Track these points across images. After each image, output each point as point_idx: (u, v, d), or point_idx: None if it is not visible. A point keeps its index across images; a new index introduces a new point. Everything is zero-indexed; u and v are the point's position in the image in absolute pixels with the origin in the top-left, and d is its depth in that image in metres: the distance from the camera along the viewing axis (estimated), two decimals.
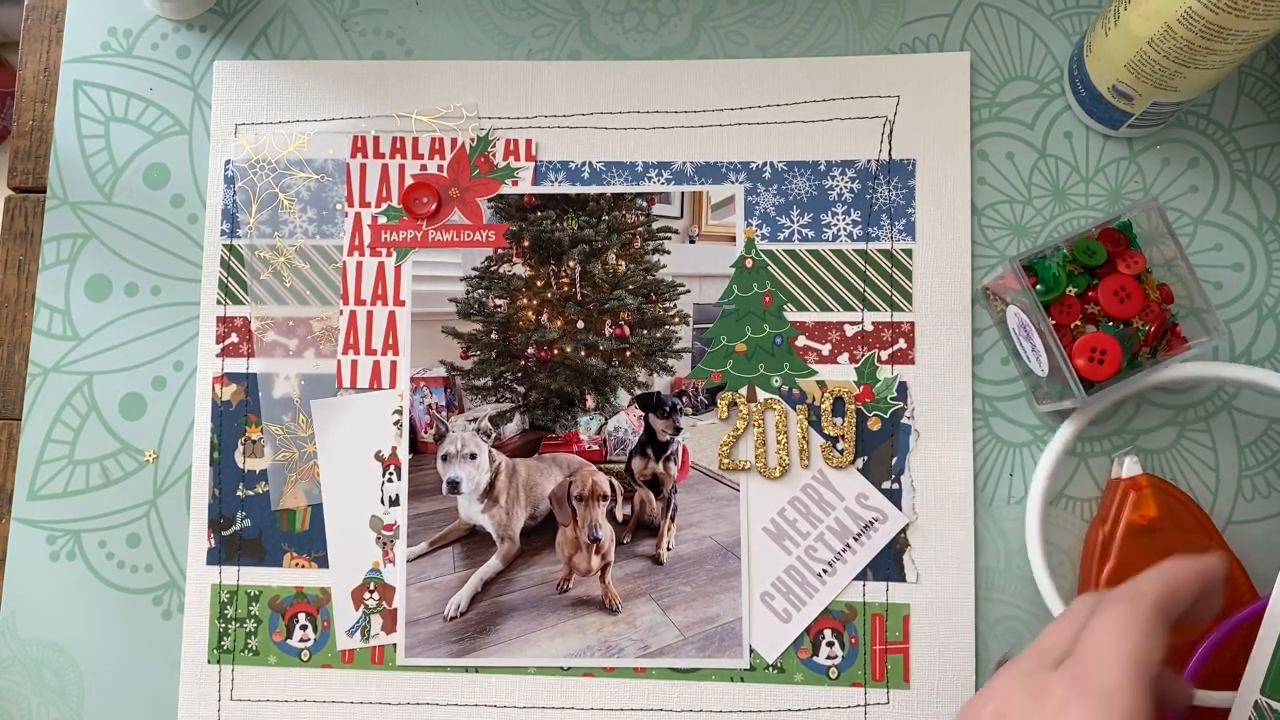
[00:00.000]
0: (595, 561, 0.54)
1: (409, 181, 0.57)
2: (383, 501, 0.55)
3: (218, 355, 0.57)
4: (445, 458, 0.56)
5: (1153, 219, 0.50)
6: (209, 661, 0.55)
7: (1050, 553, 0.53)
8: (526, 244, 0.57)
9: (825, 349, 0.55)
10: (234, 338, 0.57)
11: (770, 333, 0.55)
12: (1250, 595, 0.50)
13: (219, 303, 0.57)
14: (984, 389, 0.55)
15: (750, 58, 0.57)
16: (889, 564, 0.54)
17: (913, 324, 0.55)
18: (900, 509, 0.54)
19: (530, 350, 0.56)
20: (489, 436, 0.56)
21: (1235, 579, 0.50)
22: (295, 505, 0.56)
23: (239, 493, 0.56)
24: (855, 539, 0.54)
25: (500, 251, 0.57)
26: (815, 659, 0.53)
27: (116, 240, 0.58)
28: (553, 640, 0.54)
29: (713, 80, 0.57)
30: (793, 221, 0.56)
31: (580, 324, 0.56)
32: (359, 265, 0.57)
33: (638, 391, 0.56)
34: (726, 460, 0.55)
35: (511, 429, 0.56)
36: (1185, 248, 0.55)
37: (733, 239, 0.56)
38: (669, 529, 0.55)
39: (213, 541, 0.56)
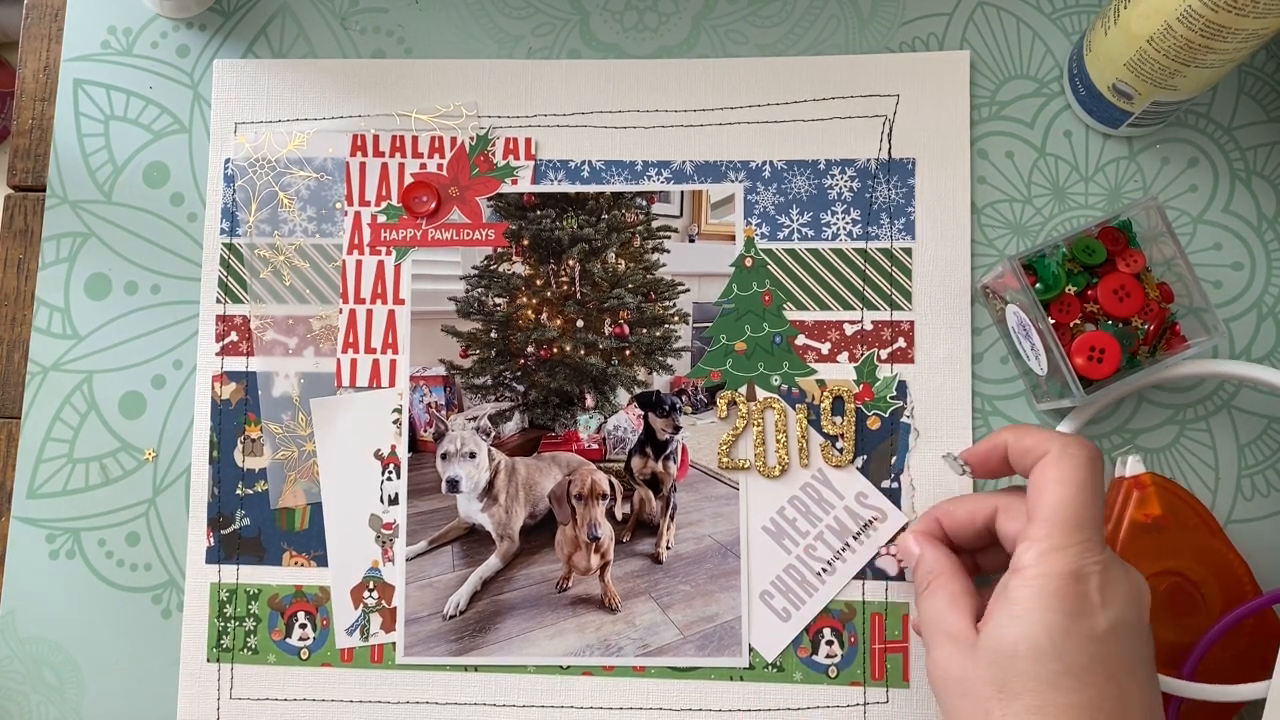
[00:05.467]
0: (595, 560, 0.54)
1: (408, 180, 0.57)
2: (382, 500, 0.55)
3: (217, 354, 0.57)
4: (444, 456, 0.56)
5: (1152, 218, 0.50)
6: (208, 660, 0.55)
7: None
8: (526, 243, 0.57)
9: (825, 348, 0.55)
10: (233, 336, 0.57)
11: (770, 331, 0.55)
12: (1254, 592, 0.50)
13: (218, 301, 0.57)
14: (984, 388, 0.55)
15: (750, 56, 0.57)
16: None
17: (912, 323, 0.55)
18: (900, 508, 0.54)
19: (530, 349, 0.56)
20: (488, 435, 0.56)
21: (1238, 575, 0.50)
22: (294, 504, 0.56)
23: (238, 491, 0.56)
24: (855, 538, 0.54)
25: (500, 250, 0.57)
26: (815, 658, 0.53)
27: (116, 239, 0.58)
28: (552, 639, 0.54)
29: (712, 79, 0.57)
30: (792, 220, 0.56)
31: (580, 323, 0.56)
32: (358, 264, 0.57)
33: (637, 390, 0.56)
34: (726, 459, 0.55)
35: (511, 428, 0.56)
36: (1185, 247, 0.55)
37: (732, 238, 0.56)
38: (668, 528, 0.55)
39: (212, 540, 0.56)
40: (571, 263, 0.57)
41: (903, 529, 0.54)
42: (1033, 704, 0.39)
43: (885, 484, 0.54)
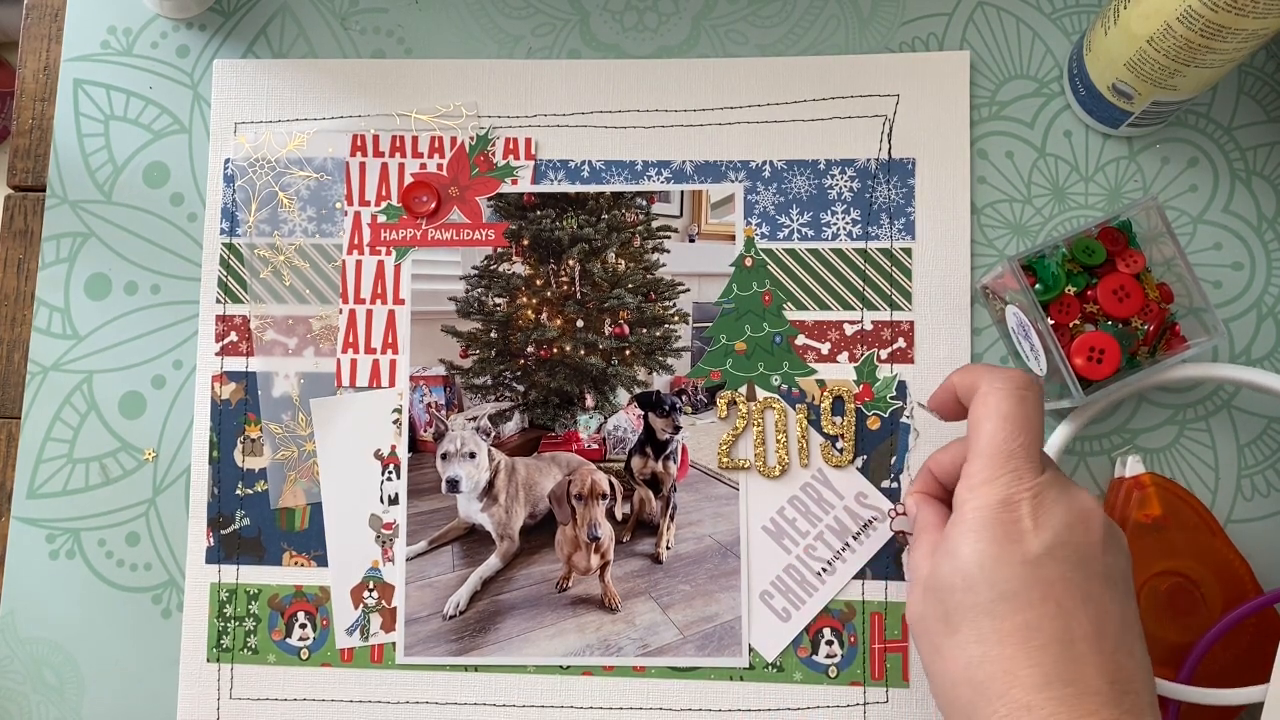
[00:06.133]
0: (595, 560, 0.54)
1: (408, 180, 0.57)
2: (382, 500, 0.55)
3: (217, 354, 0.57)
4: (444, 456, 0.56)
5: (1152, 218, 0.50)
6: (208, 660, 0.55)
7: None
8: (526, 243, 0.57)
9: (825, 348, 0.55)
10: (233, 336, 0.57)
11: (770, 331, 0.55)
12: (1255, 591, 0.50)
13: (218, 301, 0.57)
14: None
15: (750, 56, 0.57)
16: (888, 562, 0.54)
17: (912, 323, 0.55)
18: None
19: (530, 349, 0.56)
20: (488, 435, 0.56)
21: (1239, 575, 0.50)
22: (294, 504, 0.56)
23: (238, 491, 0.56)
24: (854, 538, 0.54)
25: (500, 250, 0.57)
26: (814, 658, 0.53)
27: (116, 239, 0.58)
28: (552, 639, 0.54)
29: (712, 79, 0.57)
30: (792, 220, 0.56)
31: (580, 323, 0.56)
32: (358, 264, 0.57)
33: (637, 390, 0.56)
34: (726, 459, 0.55)
35: (511, 428, 0.56)
36: (1184, 247, 0.55)
37: (732, 238, 0.56)
38: (668, 528, 0.55)
39: (212, 540, 0.56)
40: (571, 263, 0.57)
41: (902, 529, 0.54)
42: (971, 634, 0.39)
43: (885, 484, 0.54)
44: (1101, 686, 0.37)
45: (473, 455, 0.55)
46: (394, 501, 0.55)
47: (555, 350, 0.56)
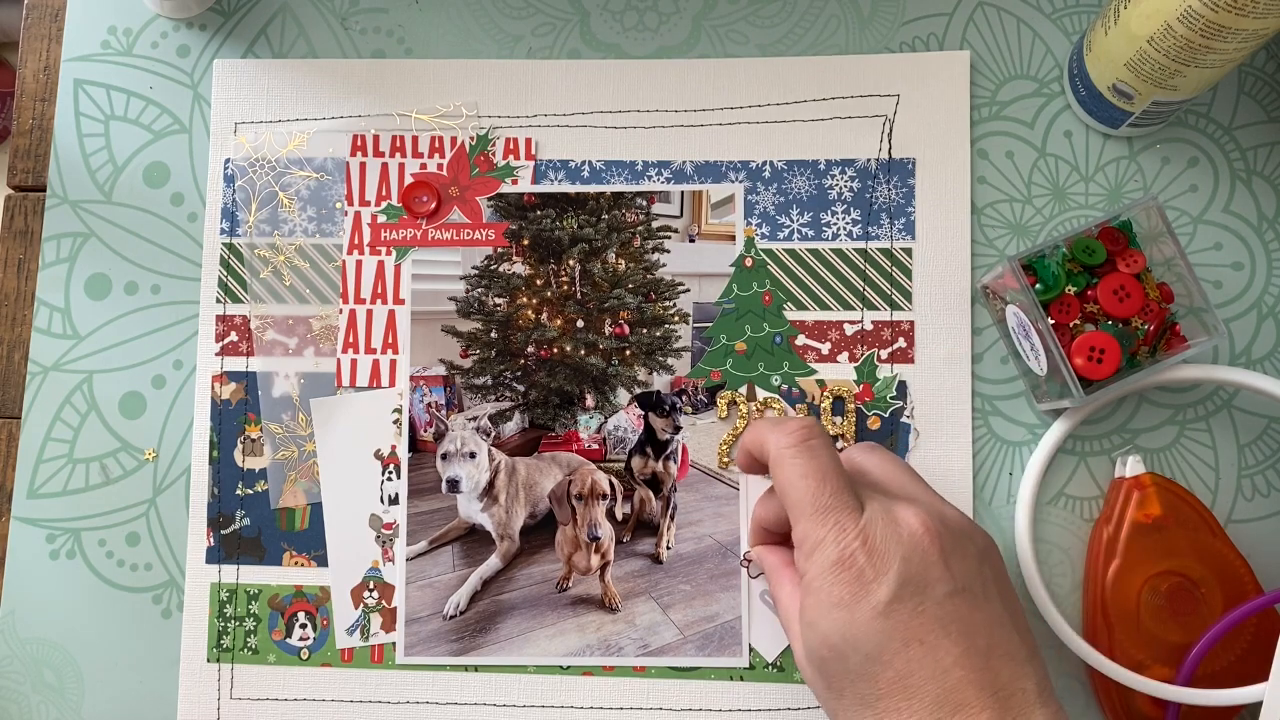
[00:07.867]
0: (595, 560, 0.54)
1: (409, 180, 0.57)
2: (382, 500, 0.55)
3: (217, 354, 0.57)
4: (445, 456, 0.56)
5: (1152, 218, 0.50)
6: (208, 660, 0.55)
7: (1049, 551, 0.53)
8: (526, 243, 0.57)
9: (825, 348, 0.55)
10: (233, 336, 0.57)
11: (770, 331, 0.55)
12: (1255, 591, 0.50)
13: (218, 301, 0.57)
14: (983, 388, 0.55)
15: (750, 56, 0.57)
16: None
17: (912, 323, 0.55)
18: None
19: (530, 349, 0.56)
20: (488, 435, 0.56)
21: (1239, 575, 0.50)
22: (295, 504, 0.56)
23: (238, 491, 0.56)
24: None
25: (500, 250, 0.57)
26: None
27: (116, 239, 0.58)
28: (552, 639, 0.54)
29: (712, 79, 0.57)
30: (792, 220, 0.56)
31: (580, 323, 0.56)
32: (359, 264, 0.57)
33: (637, 390, 0.56)
34: (726, 459, 0.55)
35: (511, 428, 0.56)
36: (1185, 247, 0.55)
37: (732, 238, 0.56)
38: (669, 528, 0.55)
39: (212, 540, 0.56)
40: (571, 263, 0.57)
41: None
42: (854, 699, 0.40)
43: None
44: (987, 702, 0.38)
45: (473, 455, 0.56)
46: (394, 501, 0.55)
47: (555, 350, 0.56)
